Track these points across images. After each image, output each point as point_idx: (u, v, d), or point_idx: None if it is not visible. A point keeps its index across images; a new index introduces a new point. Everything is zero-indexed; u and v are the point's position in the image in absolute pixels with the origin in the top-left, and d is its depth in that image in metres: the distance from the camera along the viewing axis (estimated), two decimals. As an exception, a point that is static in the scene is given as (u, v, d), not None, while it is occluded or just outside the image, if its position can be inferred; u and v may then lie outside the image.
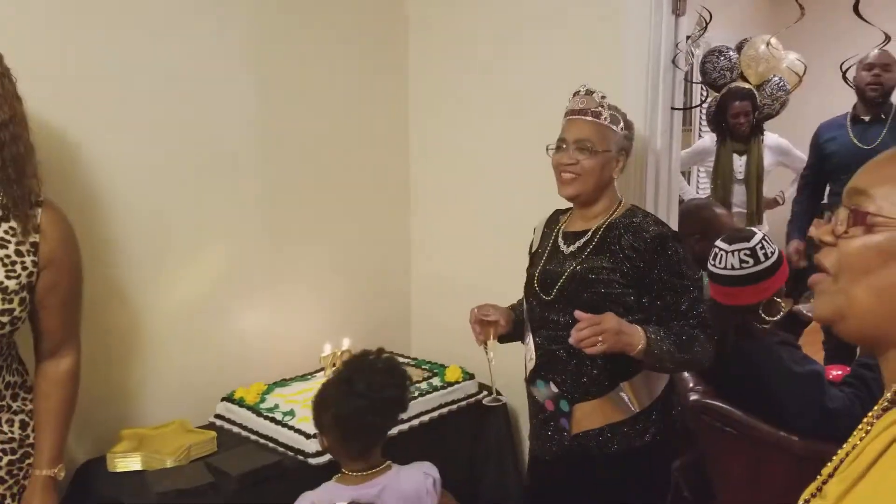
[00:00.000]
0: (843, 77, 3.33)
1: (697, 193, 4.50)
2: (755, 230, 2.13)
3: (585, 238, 1.72)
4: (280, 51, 2.33)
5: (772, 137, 3.99)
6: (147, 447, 1.91)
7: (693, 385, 2.11)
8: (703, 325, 1.64)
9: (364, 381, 1.58)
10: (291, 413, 2.07)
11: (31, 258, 1.50)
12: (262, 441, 2.02)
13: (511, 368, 1.84)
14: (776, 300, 2.03)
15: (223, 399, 2.19)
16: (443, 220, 2.70)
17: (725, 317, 2.01)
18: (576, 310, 1.55)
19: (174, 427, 2.02)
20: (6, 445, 1.55)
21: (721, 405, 2.06)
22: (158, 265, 2.10)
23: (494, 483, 2.33)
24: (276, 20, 2.31)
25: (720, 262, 2.05)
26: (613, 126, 1.71)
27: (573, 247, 1.73)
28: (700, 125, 5.03)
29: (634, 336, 1.54)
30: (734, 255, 2.02)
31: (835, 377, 2.12)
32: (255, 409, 2.10)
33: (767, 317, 2.02)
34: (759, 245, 2.02)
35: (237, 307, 2.29)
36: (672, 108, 2.18)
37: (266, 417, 2.06)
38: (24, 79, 1.49)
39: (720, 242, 2.09)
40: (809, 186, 3.65)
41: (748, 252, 2.01)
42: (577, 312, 1.54)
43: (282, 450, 1.97)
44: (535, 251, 1.86)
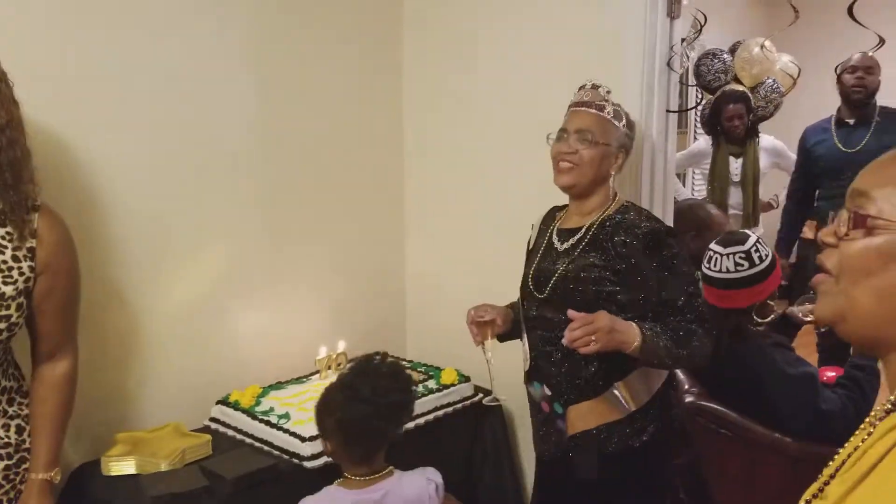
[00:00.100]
0: (837, 79, 3.35)
1: (693, 195, 4.51)
2: (749, 233, 2.14)
3: (579, 235, 1.70)
4: (277, 51, 2.33)
5: (767, 139, 3.99)
6: (141, 451, 1.90)
7: (688, 387, 2.11)
8: (701, 320, 1.61)
9: (369, 386, 1.57)
10: (287, 416, 2.06)
11: (28, 263, 1.50)
12: (258, 444, 2.01)
13: (510, 369, 1.83)
14: (769, 302, 2.04)
15: (218, 402, 2.18)
16: (439, 221, 2.70)
17: (719, 319, 2.01)
18: (568, 309, 1.54)
19: (169, 430, 2.02)
20: (2, 451, 1.54)
21: (716, 407, 2.06)
22: (153, 268, 2.10)
23: (491, 485, 2.33)
24: (274, 20, 2.31)
25: (715, 265, 2.05)
26: (616, 121, 1.70)
27: (567, 244, 1.72)
28: (695, 127, 5.04)
29: (629, 333, 1.52)
30: (729, 258, 2.03)
31: (829, 379, 2.12)
32: (251, 413, 2.09)
33: (760, 319, 2.03)
34: (754, 248, 2.03)
35: (232, 310, 2.29)
36: (667, 111, 2.18)
37: (261, 420, 2.05)
38: (24, 79, 1.49)
39: (714, 245, 2.09)
40: (798, 193, 3.67)
41: (743, 255, 2.02)
42: (570, 312, 1.52)
43: (277, 453, 1.96)
44: (531, 249, 1.85)
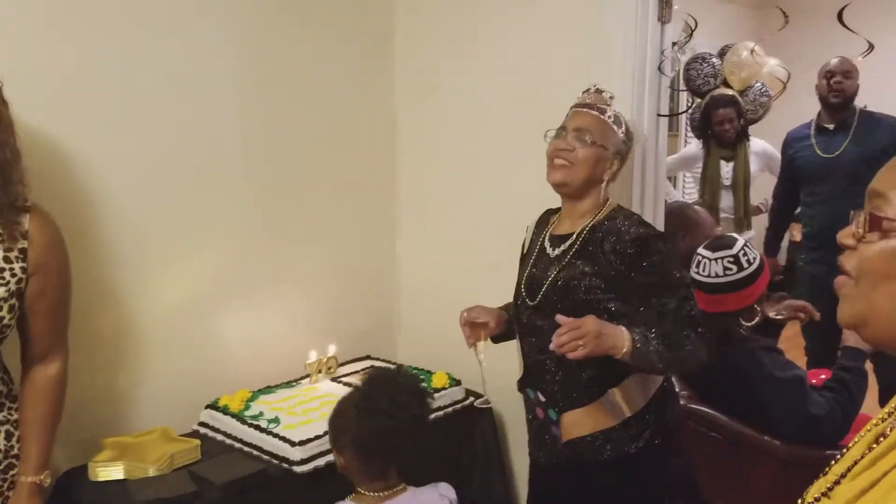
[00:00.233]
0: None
1: (684, 198, 4.52)
2: (737, 237, 2.15)
3: (570, 241, 1.69)
4: (268, 51, 2.31)
5: (758, 143, 4.01)
6: (129, 456, 1.88)
7: (678, 390, 2.11)
8: (694, 324, 1.58)
9: (388, 399, 1.53)
10: (276, 420, 2.06)
11: (20, 265, 1.49)
12: (247, 449, 2.00)
13: (502, 372, 1.82)
14: (755, 307, 2.05)
15: (207, 406, 2.17)
16: (431, 223, 2.69)
17: (708, 323, 2.01)
18: (557, 314, 1.53)
19: (157, 435, 2.00)
20: (-11, 457, 1.53)
21: (706, 410, 2.07)
22: (141, 270, 2.09)
23: (481, 489, 2.32)
24: (263, 20, 2.29)
25: (704, 270, 2.06)
26: (615, 126, 1.71)
27: (558, 250, 1.70)
28: (686, 131, 5.05)
29: (618, 338, 1.49)
30: (717, 263, 2.03)
31: (817, 381, 2.13)
32: (240, 417, 2.08)
33: (747, 323, 2.03)
34: (742, 252, 2.04)
35: (221, 313, 2.28)
36: (658, 115, 2.19)
37: (251, 425, 2.04)
38: (20, 79, 1.48)
39: (703, 250, 2.10)
40: (782, 195, 3.68)
41: (731, 259, 2.03)
42: (559, 317, 1.51)
43: (266, 458, 1.95)
44: (525, 254, 1.84)
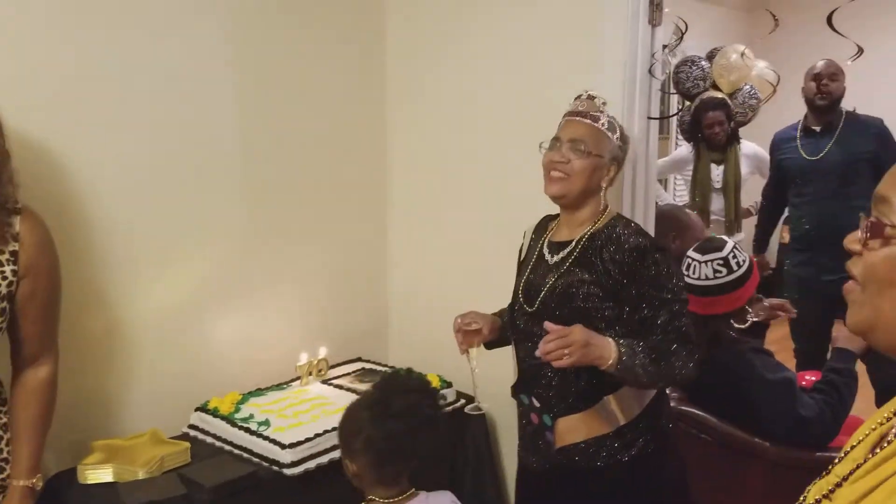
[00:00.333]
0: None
1: (675, 201, 4.54)
2: (726, 239, 2.16)
3: (569, 249, 1.68)
4: (257, 52, 2.31)
5: (749, 146, 4.02)
6: (119, 458, 1.88)
7: (669, 392, 2.12)
8: (684, 340, 1.56)
9: (402, 402, 1.51)
10: (266, 423, 2.05)
11: (11, 267, 1.48)
12: (237, 452, 2.00)
13: (494, 378, 1.81)
14: (747, 308, 2.05)
15: (197, 409, 2.16)
16: (421, 227, 2.68)
17: (698, 326, 2.02)
18: (545, 321, 1.52)
19: (147, 438, 1.99)
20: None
21: (697, 412, 2.08)
22: (131, 272, 2.08)
23: (472, 493, 2.32)
24: (253, 19, 2.29)
25: (694, 273, 2.07)
26: (610, 133, 1.69)
27: (557, 257, 1.70)
28: (677, 134, 5.08)
29: (605, 349, 1.49)
30: (707, 266, 2.05)
31: (807, 383, 2.14)
32: (230, 420, 2.08)
33: (738, 324, 2.04)
34: (731, 254, 2.05)
35: (211, 315, 2.27)
36: (649, 118, 2.19)
37: (241, 428, 2.03)
38: (12, 80, 1.47)
39: (692, 252, 2.11)
40: (771, 195, 3.69)
41: (721, 262, 2.04)
42: (547, 324, 1.51)
43: (257, 460, 1.94)
44: (522, 260, 1.83)
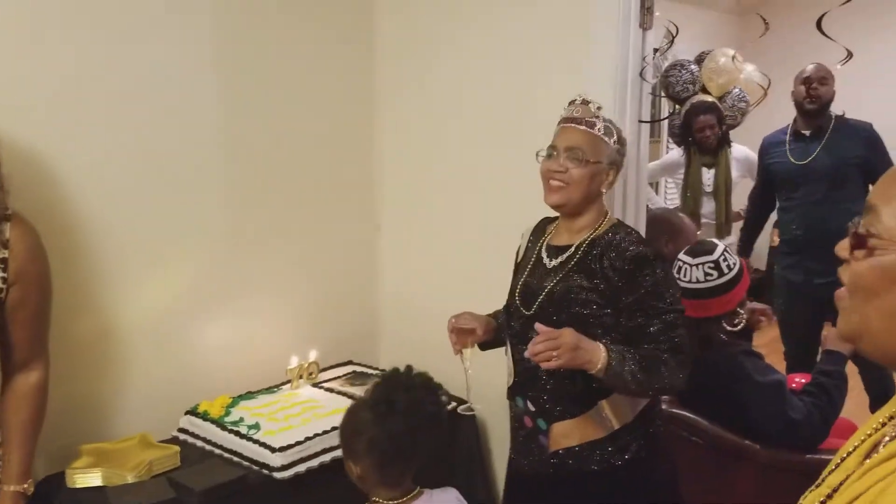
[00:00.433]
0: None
1: (665, 204, 4.55)
2: (717, 242, 2.16)
3: (568, 253, 1.67)
4: (243, 52, 2.30)
5: (740, 150, 4.04)
6: (107, 462, 1.86)
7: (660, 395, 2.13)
8: (675, 350, 1.56)
9: (406, 400, 1.49)
10: (257, 426, 2.04)
11: (1, 275, 1.48)
12: (227, 455, 1.98)
13: (487, 380, 1.80)
14: (738, 311, 2.06)
15: (187, 412, 2.14)
16: (412, 229, 2.67)
17: (690, 329, 2.03)
18: (536, 322, 1.52)
19: (136, 441, 1.98)
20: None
21: (687, 415, 2.08)
22: (121, 276, 2.06)
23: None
24: (239, 19, 2.27)
25: (685, 276, 2.07)
26: (606, 138, 1.67)
27: (556, 261, 1.69)
28: (668, 140, 5.09)
29: (594, 353, 1.49)
30: (698, 269, 2.05)
31: (797, 385, 2.15)
32: (220, 423, 2.06)
33: (730, 327, 2.05)
34: (722, 257, 2.06)
35: (201, 318, 2.26)
36: (640, 121, 2.20)
37: (231, 431, 2.02)
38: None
39: (683, 256, 2.11)
40: (757, 199, 3.69)
41: (712, 265, 2.04)
42: (538, 325, 1.51)
43: (247, 464, 1.93)
44: (519, 262, 1.82)
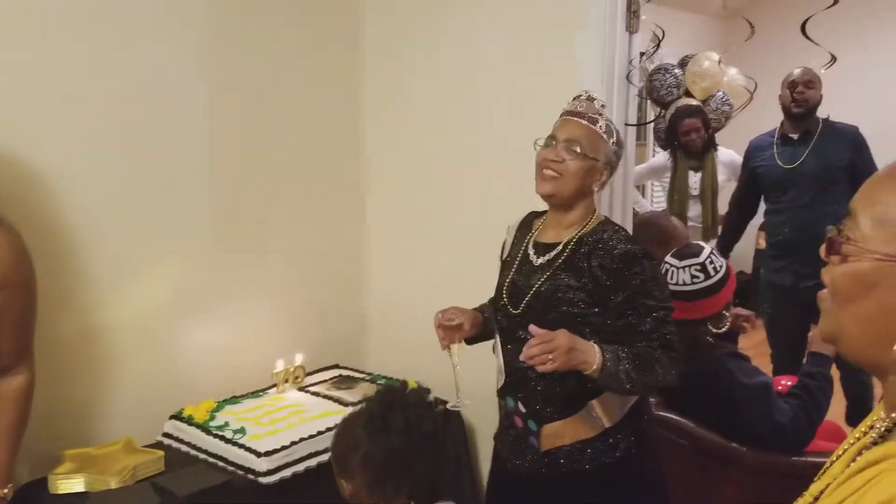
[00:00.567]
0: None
1: (652, 207, 4.56)
2: (703, 245, 2.17)
3: (555, 251, 1.66)
4: (229, 60, 2.28)
5: (726, 154, 4.05)
6: (91, 468, 1.84)
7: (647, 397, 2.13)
8: (668, 347, 1.56)
9: (401, 417, 1.47)
10: (242, 431, 2.02)
11: None
12: (212, 460, 1.97)
13: (475, 380, 1.78)
14: (724, 313, 2.07)
15: (171, 417, 2.12)
16: (399, 232, 2.67)
17: (680, 333, 2.03)
18: (531, 325, 1.52)
19: (119, 446, 1.96)
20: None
21: (674, 417, 2.08)
22: (105, 279, 2.04)
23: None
24: (223, 21, 2.26)
25: (672, 278, 2.08)
26: (606, 137, 1.66)
27: (542, 259, 1.68)
28: (654, 144, 5.11)
29: (589, 354, 1.49)
30: (685, 271, 2.06)
31: (783, 388, 2.16)
32: (205, 427, 2.05)
33: (715, 329, 2.06)
34: (708, 259, 2.07)
35: (186, 322, 2.24)
36: (626, 124, 2.21)
37: (216, 436, 2.01)
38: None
39: (670, 258, 2.12)
40: (740, 202, 3.70)
41: (699, 267, 2.05)
42: (532, 327, 1.50)
43: (232, 469, 1.92)
44: (506, 258, 1.80)
